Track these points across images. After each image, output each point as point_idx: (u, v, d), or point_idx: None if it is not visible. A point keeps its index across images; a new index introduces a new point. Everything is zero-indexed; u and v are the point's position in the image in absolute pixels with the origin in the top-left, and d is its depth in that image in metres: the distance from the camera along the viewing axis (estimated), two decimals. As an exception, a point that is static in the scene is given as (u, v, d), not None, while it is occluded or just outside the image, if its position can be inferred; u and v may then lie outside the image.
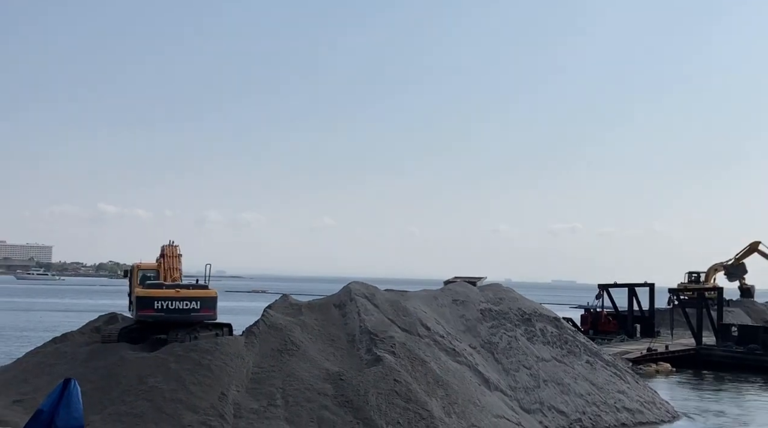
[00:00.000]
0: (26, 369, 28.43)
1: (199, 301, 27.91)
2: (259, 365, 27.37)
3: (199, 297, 28.02)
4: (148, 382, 25.47)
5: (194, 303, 27.82)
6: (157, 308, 27.74)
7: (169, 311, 27.76)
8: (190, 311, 27.84)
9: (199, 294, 28.18)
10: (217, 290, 29.55)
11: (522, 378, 33.70)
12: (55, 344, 30.43)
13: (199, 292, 28.27)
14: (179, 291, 28.01)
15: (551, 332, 37.68)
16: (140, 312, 28.13)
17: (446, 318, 35.07)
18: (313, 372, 27.47)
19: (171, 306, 27.71)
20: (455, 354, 32.19)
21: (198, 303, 27.88)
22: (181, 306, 27.74)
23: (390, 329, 30.95)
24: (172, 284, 29.08)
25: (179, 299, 27.73)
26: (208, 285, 29.38)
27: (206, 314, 28.12)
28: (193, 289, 28.31)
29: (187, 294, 27.90)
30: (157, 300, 27.75)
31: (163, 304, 27.69)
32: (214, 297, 28.38)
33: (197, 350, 26.86)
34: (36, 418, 13.91)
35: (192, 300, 27.84)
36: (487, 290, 39.32)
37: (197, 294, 28.14)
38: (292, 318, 30.56)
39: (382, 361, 28.37)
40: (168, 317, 27.90)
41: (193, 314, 27.94)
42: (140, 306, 27.99)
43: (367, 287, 34.05)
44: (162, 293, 27.98)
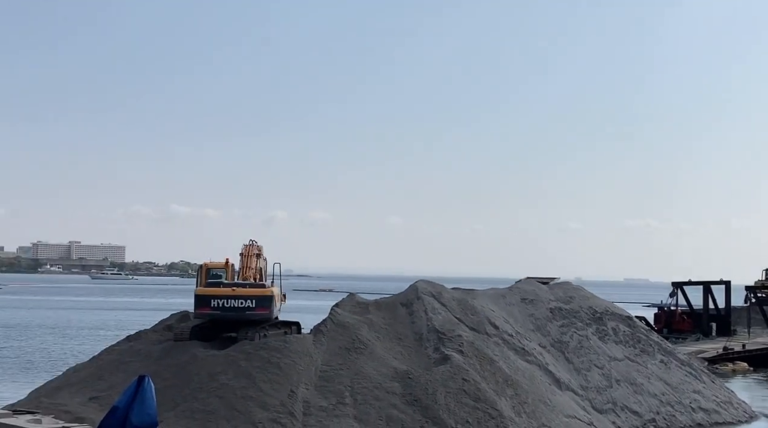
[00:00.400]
0: (102, 366, 29.02)
1: (254, 300, 28.28)
2: (327, 363, 27.48)
3: (254, 296, 28.38)
4: (220, 380, 25.78)
5: (249, 301, 28.20)
6: (214, 306, 28.20)
7: (225, 309, 28.19)
8: (245, 309, 28.23)
9: (254, 292, 28.54)
10: (274, 289, 29.81)
11: (594, 377, 33.22)
12: (129, 342, 31.02)
13: (255, 291, 28.62)
14: (235, 289, 28.42)
15: (624, 331, 37.07)
16: (198, 310, 28.70)
17: (515, 317, 34.75)
18: (381, 370, 27.47)
19: (227, 304, 28.14)
20: (524, 353, 31.88)
21: (253, 302, 28.24)
22: (237, 304, 28.14)
23: (458, 328, 30.79)
24: (230, 282, 29.47)
25: (235, 297, 28.14)
26: (266, 284, 29.66)
27: (261, 312, 28.44)
28: (250, 288, 28.65)
29: (242, 293, 28.31)
30: (214, 298, 28.22)
31: (219, 302, 28.14)
32: (270, 296, 28.67)
33: (267, 348, 27.10)
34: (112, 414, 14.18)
35: (247, 298, 28.22)
36: (556, 288, 38.85)
37: (253, 292, 28.50)
38: (360, 317, 30.62)
39: (451, 360, 28.23)
40: (223, 315, 28.34)
41: (248, 312, 28.30)
42: (198, 305, 28.54)
43: (434, 285, 33.93)
44: (218, 291, 28.45)
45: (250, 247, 30.71)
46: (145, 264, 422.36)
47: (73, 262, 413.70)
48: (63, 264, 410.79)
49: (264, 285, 29.49)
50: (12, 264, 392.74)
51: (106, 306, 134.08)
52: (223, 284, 29.23)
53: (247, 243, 30.95)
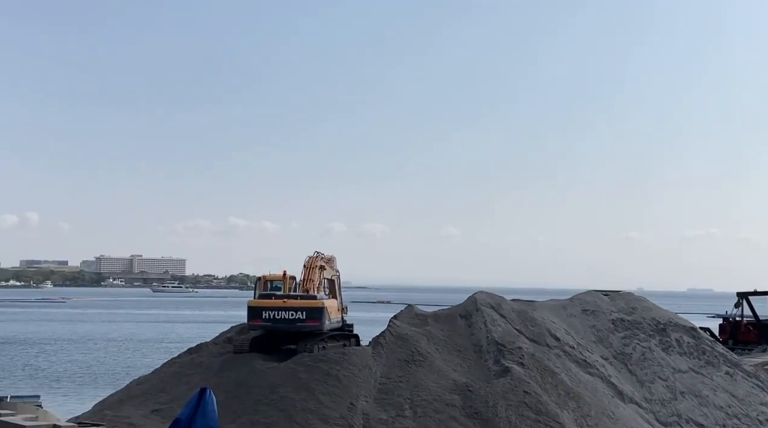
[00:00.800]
0: (164, 379, 29.34)
1: (304, 312, 28.47)
2: (386, 375, 27.41)
3: (305, 308, 28.56)
4: (279, 392, 25.88)
5: (300, 313, 28.36)
6: (265, 318, 28.47)
7: (276, 321, 28.44)
8: (296, 321, 28.41)
9: (305, 304, 28.72)
10: (327, 301, 29.90)
11: (658, 390, 32.62)
12: (190, 354, 31.32)
13: (306, 303, 28.80)
14: (286, 301, 28.66)
15: (688, 342, 36.33)
16: (250, 322, 28.99)
17: (576, 329, 34.29)
18: (441, 382, 27.31)
19: (278, 316, 28.36)
20: (586, 365, 31.42)
21: (304, 314, 28.39)
22: (288, 316, 28.34)
23: (518, 339, 30.48)
24: (282, 294, 29.67)
25: (285, 309, 28.34)
26: (318, 296, 29.80)
27: (312, 324, 28.58)
28: (301, 300, 28.82)
29: (293, 305, 28.52)
30: (265, 310, 28.48)
31: (271, 314, 28.38)
32: (321, 308, 28.79)
33: (326, 360, 27.13)
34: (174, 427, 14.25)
35: (298, 310, 28.43)
36: (618, 299, 38.24)
37: (303, 304, 28.69)
38: (418, 329, 30.50)
39: (511, 372, 27.94)
40: (274, 326, 28.57)
41: (299, 324, 28.48)
42: (250, 316, 28.83)
43: (493, 297, 33.67)
44: (270, 303, 28.72)
45: (313, 259, 30.81)
46: (205, 276, 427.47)
47: (135, 276, 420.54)
48: (125, 277, 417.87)
49: (315, 296, 29.62)
50: (76, 278, 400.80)
51: (167, 319, 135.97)
52: (275, 296, 29.48)
53: (312, 255, 31.06)
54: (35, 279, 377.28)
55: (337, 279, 33.12)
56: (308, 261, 30.65)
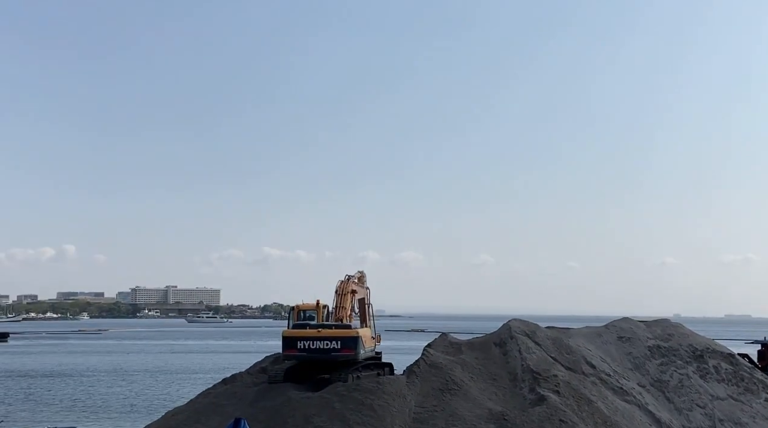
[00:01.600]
0: (198, 409, 29.45)
1: (339, 341, 28.60)
2: (421, 405, 27.31)
3: (339, 337, 28.69)
4: (314, 422, 25.86)
5: (335, 342, 28.50)
6: (300, 348, 28.65)
7: (311, 351, 28.61)
8: (330, 350, 28.56)
9: (339, 333, 28.86)
10: (362, 330, 30.04)
11: (696, 417, 32.15)
12: (225, 385, 31.42)
13: (340, 332, 28.93)
14: (320, 331, 28.82)
15: (726, 369, 35.80)
16: (285, 352, 29.18)
17: (612, 356, 33.97)
18: (476, 411, 27.16)
19: (312, 345, 28.50)
20: (623, 392, 31.09)
21: (338, 343, 28.53)
22: (322, 345, 28.46)
23: (553, 367, 30.26)
24: (316, 324, 29.80)
25: (320, 339, 28.47)
26: (353, 325, 29.90)
27: (347, 353, 28.69)
28: (336, 329, 28.96)
29: (327, 334, 28.68)
30: (300, 340, 28.65)
31: (306, 344, 28.57)
32: (355, 337, 28.93)
33: (360, 390, 27.10)
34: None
35: (333, 339, 28.57)
36: (654, 326, 37.84)
37: (338, 333, 28.83)
38: (453, 357, 30.40)
39: (547, 401, 27.73)
40: (310, 356, 28.74)
41: (334, 353, 28.62)
42: (285, 346, 29.01)
43: (528, 324, 33.49)
44: (305, 333, 28.91)
45: (345, 284, 30.86)
46: (239, 306, 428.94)
47: (170, 306, 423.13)
48: (160, 308, 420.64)
49: (350, 326, 29.70)
50: (112, 310, 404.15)
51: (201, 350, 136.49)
52: (310, 326, 29.63)
53: (343, 280, 31.11)
54: (72, 310, 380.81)
55: (368, 295, 33.17)
56: (339, 286, 30.73)
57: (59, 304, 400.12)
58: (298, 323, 30.60)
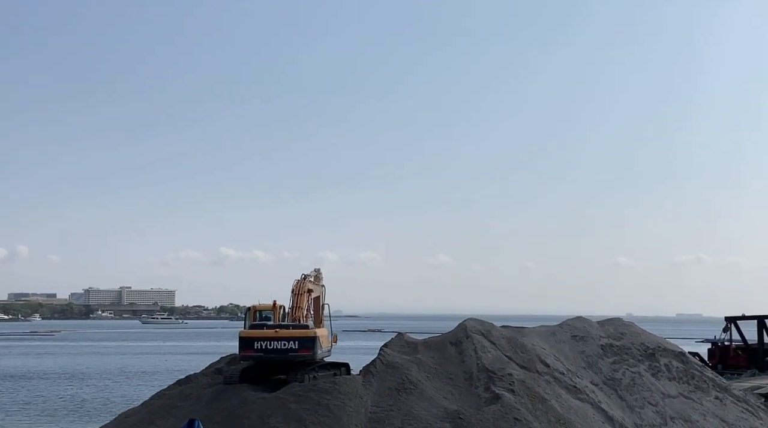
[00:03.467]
0: (152, 411, 29.20)
1: (297, 341, 28.50)
2: (377, 404, 27.37)
3: (296, 337, 28.60)
4: (270, 423, 25.79)
5: (292, 343, 28.40)
6: (257, 348, 28.48)
7: (268, 351, 28.45)
8: (287, 351, 28.43)
9: (297, 334, 28.76)
10: (319, 330, 29.93)
11: (648, 415, 32.62)
12: (179, 386, 31.19)
13: (297, 332, 28.83)
14: (278, 331, 28.67)
15: (677, 367, 36.38)
16: (242, 353, 28.97)
17: (565, 355, 34.34)
18: (432, 410, 27.29)
19: (269, 346, 28.39)
20: (576, 391, 31.45)
21: (296, 344, 28.44)
22: (280, 346, 28.36)
23: (508, 366, 30.51)
24: (273, 324, 29.66)
25: (277, 339, 28.37)
26: (310, 325, 29.81)
27: (304, 353, 28.59)
28: (293, 329, 28.83)
29: (285, 335, 28.55)
30: (257, 340, 28.50)
31: (263, 344, 28.42)
32: (313, 337, 28.84)
33: (316, 390, 27.08)
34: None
35: (290, 339, 28.46)
36: (607, 325, 38.31)
37: (295, 334, 28.72)
38: (409, 357, 30.50)
39: (501, 399, 27.96)
40: (267, 357, 28.57)
41: (291, 353, 28.49)
42: (242, 347, 28.82)
43: (483, 324, 33.71)
44: (262, 333, 28.73)
45: (301, 284, 30.75)
46: (194, 307, 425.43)
47: (124, 308, 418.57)
48: (114, 309, 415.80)
49: (308, 326, 29.65)
50: (64, 311, 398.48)
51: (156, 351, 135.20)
52: (266, 326, 29.49)
53: (299, 279, 30.99)
54: (23, 312, 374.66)
55: (323, 294, 33.10)
56: (296, 285, 30.63)
57: (10, 305, 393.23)
58: (255, 323, 30.48)
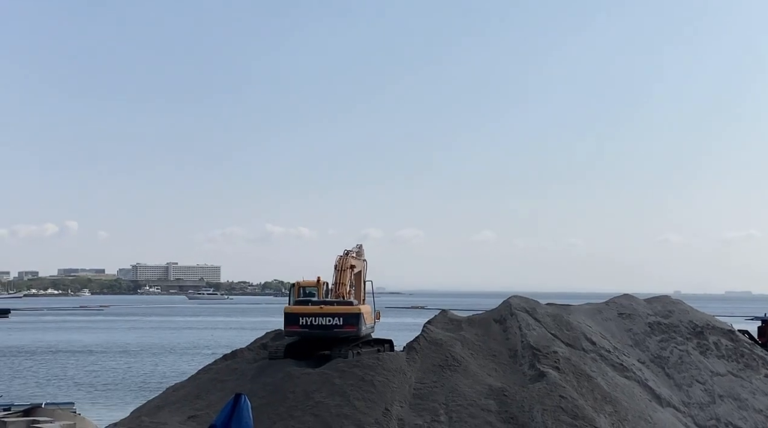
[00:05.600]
0: (199, 385, 29.53)
1: (341, 317, 28.56)
2: (421, 381, 27.37)
3: (341, 314, 28.65)
4: (314, 397, 25.94)
5: (337, 319, 28.46)
6: (302, 324, 28.60)
7: (313, 327, 28.55)
8: (332, 327, 28.52)
9: (341, 310, 28.81)
10: (363, 306, 30.03)
11: (696, 393, 32.24)
12: (225, 361, 31.49)
13: (342, 308, 28.89)
14: (323, 307, 28.77)
15: (726, 345, 35.85)
16: (287, 328, 29.11)
17: (612, 333, 34.00)
18: (476, 387, 27.22)
19: (314, 322, 28.49)
20: (623, 369, 31.16)
21: (340, 320, 28.50)
22: (324, 322, 28.45)
23: (553, 344, 30.30)
24: (318, 300, 29.76)
25: (322, 315, 28.46)
26: (354, 302, 29.85)
27: (349, 330, 28.71)
28: (338, 306, 28.90)
29: (329, 311, 28.63)
30: (302, 316, 28.61)
31: (307, 320, 28.53)
32: (357, 314, 28.90)
33: (360, 366, 27.15)
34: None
35: (335, 316, 28.53)
36: (655, 303, 37.84)
37: (340, 310, 28.79)
38: (453, 334, 30.44)
39: (547, 377, 27.79)
40: (311, 332, 28.67)
41: (336, 329, 28.58)
42: (287, 322, 28.97)
43: (528, 301, 33.50)
44: (307, 309, 28.84)
45: (343, 260, 30.74)
46: (239, 283, 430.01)
47: (170, 283, 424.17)
48: (161, 285, 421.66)
49: (352, 302, 29.71)
50: (113, 286, 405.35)
51: (202, 326, 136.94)
52: (311, 302, 29.59)
53: (342, 255, 30.98)
54: (73, 287, 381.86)
55: (365, 269, 33.10)
56: (338, 261, 30.64)
57: (60, 280, 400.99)
58: (300, 299, 30.59)
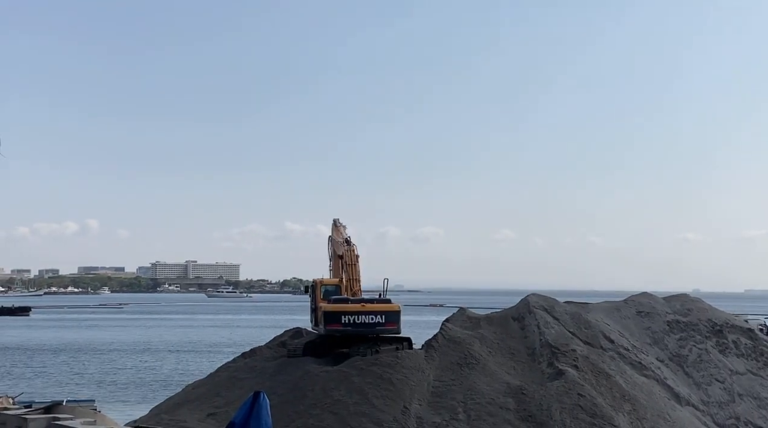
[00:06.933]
0: (218, 383, 29.70)
1: (383, 315, 28.77)
2: (439, 378, 27.42)
3: (383, 311, 28.94)
4: (333, 395, 26.04)
5: (379, 317, 28.60)
6: (345, 322, 28.69)
7: (356, 325, 28.75)
8: (375, 325, 28.71)
9: (383, 308, 29.10)
10: (399, 304, 30.07)
11: (715, 392, 32.10)
12: (244, 359, 31.65)
13: (384, 306, 29.16)
14: (365, 305, 28.83)
15: (745, 344, 35.65)
16: (328, 327, 29.00)
17: (630, 331, 33.90)
18: (494, 386, 27.24)
19: (357, 320, 28.62)
20: (641, 367, 31.07)
21: (383, 317, 28.65)
22: (367, 320, 28.57)
23: (571, 342, 30.26)
24: (357, 299, 29.86)
25: (365, 313, 28.61)
26: (391, 300, 29.97)
27: (390, 328, 28.92)
28: (378, 303, 29.10)
29: (372, 309, 28.84)
30: (345, 314, 28.59)
31: (350, 318, 28.66)
32: (398, 312, 29.19)
33: (378, 364, 27.23)
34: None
35: (377, 314, 28.72)
36: (674, 301, 37.68)
37: (382, 308, 29.06)
38: (471, 332, 30.46)
39: (565, 375, 27.76)
40: (355, 331, 28.80)
41: (378, 327, 28.82)
42: (328, 321, 28.84)
43: (546, 299, 33.46)
44: (349, 308, 28.97)
45: (352, 253, 30.91)
46: (258, 281, 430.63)
47: (190, 281, 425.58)
48: (180, 283, 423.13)
49: (390, 300, 30.05)
50: (132, 284, 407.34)
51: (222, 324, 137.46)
52: (351, 300, 29.66)
53: (340, 243, 30.97)
54: (93, 285, 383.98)
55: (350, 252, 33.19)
56: (347, 255, 30.79)
57: (80, 279, 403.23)
58: (338, 298, 30.47)
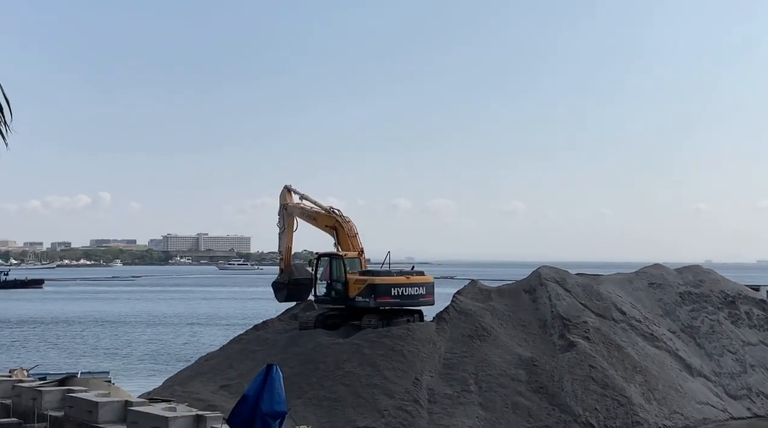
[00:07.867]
0: (231, 355, 29.84)
1: (424, 287, 29.36)
2: (451, 350, 27.47)
3: (424, 283, 29.55)
4: (345, 367, 26.13)
5: (422, 288, 28.99)
6: (394, 294, 29.00)
7: (404, 297, 29.25)
8: (419, 297, 29.35)
9: (423, 280, 29.79)
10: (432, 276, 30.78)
11: (727, 363, 32.07)
12: (256, 331, 31.77)
13: (423, 278, 29.89)
14: (409, 277, 29.53)
15: (758, 315, 35.58)
16: (378, 299, 29.22)
17: (642, 302, 33.85)
18: (506, 357, 27.28)
19: (405, 292, 29.00)
20: (653, 338, 31.05)
21: (424, 289, 29.23)
22: (413, 291, 28.88)
23: (583, 314, 30.25)
24: (400, 271, 30.18)
25: (411, 285, 29.01)
26: (424, 271, 30.49)
27: (429, 299, 29.60)
28: (417, 276, 29.54)
29: (415, 281, 29.47)
30: (394, 287, 28.89)
31: (399, 291, 29.01)
32: (433, 283, 29.94)
33: (390, 336, 27.30)
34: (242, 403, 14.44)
35: (420, 285, 29.25)
36: (686, 272, 37.58)
37: (423, 280, 29.75)
38: (482, 304, 30.47)
39: (576, 347, 27.78)
40: (402, 302, 29.27)
41: (421, 299, 29.44)
42: (377, 294, 29.14)
43: (558, 271, 33.41)
44: (397, 280, 29.42)
45: (350, 223, 31.22)
46: (269, 254, 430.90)
47: (201, 254, 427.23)
48: (192, 255, 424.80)
49: (423, 272, 30.55)
50: (144, 257, 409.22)
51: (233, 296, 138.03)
52: (393, 272, 29.97)
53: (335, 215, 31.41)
54: (105, 258, 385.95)
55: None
56: (346, 226, 31.01)
57: (92, 251, 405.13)
58: (383, 270, 30.48)
